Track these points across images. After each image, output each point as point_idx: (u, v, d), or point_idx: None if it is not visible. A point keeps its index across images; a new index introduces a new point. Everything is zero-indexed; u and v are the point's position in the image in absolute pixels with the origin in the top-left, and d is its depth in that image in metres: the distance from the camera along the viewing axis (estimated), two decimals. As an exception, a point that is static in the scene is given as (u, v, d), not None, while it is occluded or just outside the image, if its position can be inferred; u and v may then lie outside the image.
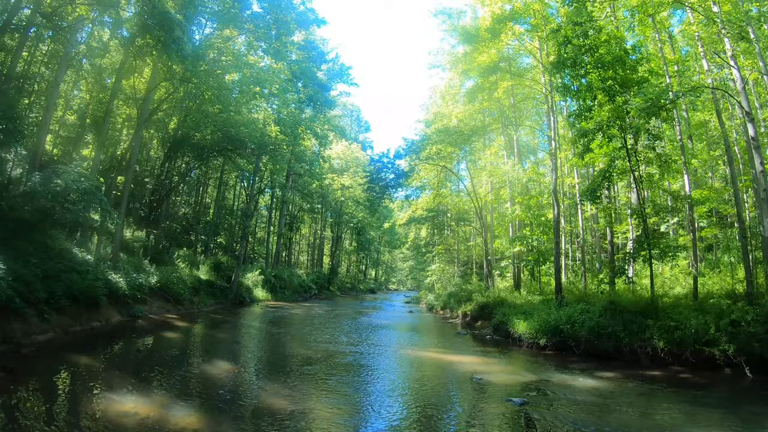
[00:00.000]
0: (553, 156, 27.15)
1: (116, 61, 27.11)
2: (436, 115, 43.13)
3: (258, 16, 33.54)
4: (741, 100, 15.56)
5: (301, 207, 61.07)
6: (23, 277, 14.38)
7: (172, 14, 21.25)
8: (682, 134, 22.09)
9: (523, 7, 28.97)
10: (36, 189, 16.37)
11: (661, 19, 22.22)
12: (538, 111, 39.24)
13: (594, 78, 19.80)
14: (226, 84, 31.27)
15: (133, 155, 25.73)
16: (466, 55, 34.21)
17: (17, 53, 19.63)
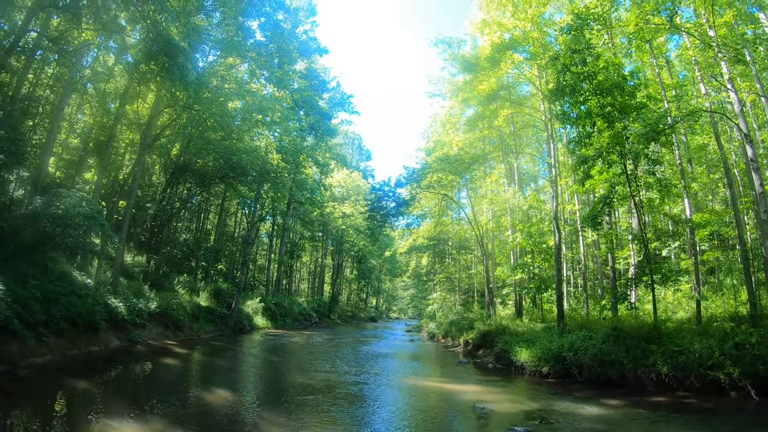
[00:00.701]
0: (553, 183, 27.21)
1: (120, 86, 27.40)
2: (437, 143, 43.39)
3: (261, 44, 34.03)
4: (739, 122, 15.67)
5: (302, 235, 61.03)
6: (22, 299, 14.31)
7: (177, 41, 21.49)
8: (682, 158, 22.19)
9: (522, 35, 29.39)
10: (38, 211, 16.39)
11: (658, 44, 22.52)
12: (538, 138, 39.53)
13: (593, 104, 19.95)
14: (228, 111, 31.50)
15: (135, 180, 25.82)
16: (467, 84, 34.55)
17: (23, 75, 19.86)
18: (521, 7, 28.88)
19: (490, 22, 30.79)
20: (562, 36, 23.72)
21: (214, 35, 30.00)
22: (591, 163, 20.17)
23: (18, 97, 19.13)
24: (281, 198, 44.77)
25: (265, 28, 34.77)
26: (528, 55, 30.41)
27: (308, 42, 42.77)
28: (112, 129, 25.16)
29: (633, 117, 19.07)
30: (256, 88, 36.45)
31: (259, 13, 33.14)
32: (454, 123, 42.58)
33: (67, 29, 20.71)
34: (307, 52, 43.19)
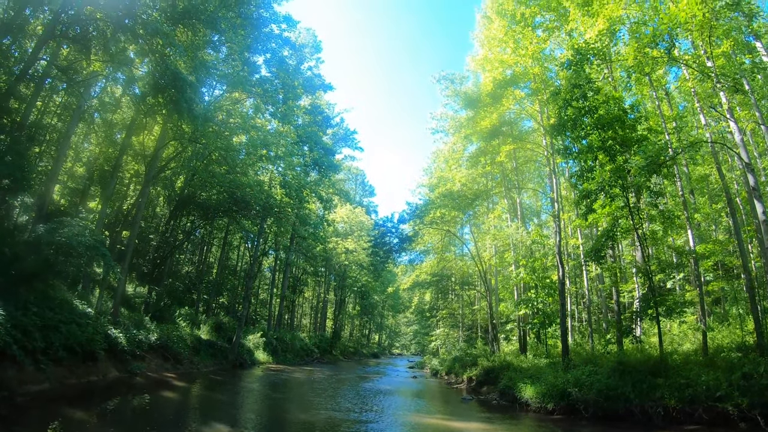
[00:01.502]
0: (556, 218, 27.21)
1: (127, 117, 27.75)
2: (439, 179, 43.58)
3: (266, 80, 34.56)
4: (740, 151, 15.74)
5: (304, 270, 60.86)
6: (22, 325, 14.22)
7: (184, 75, 21.83)
8: (684, 189, 22.23)
9: (523, 71, 29.84)
10: (41, 239, 16.43)
11: (658, 77, 22.79)
12: (540, 173, 39.72)
13: (594, 139, 20.09)
14: (233, 145, 31.79)
15: (138, 211, 25.94)
16: (469, 120, 34.90)
17: (31, 102, 20.15)
18: (522, 44, 29.34)
19: (492, 59, 31.26)
20: (562, 71, 24.09)
21: (221, 70, 30.48)
22: (593, 197, 20.20)
23: (26, 123, 19.37)
24: (284, 233, 44.83)
25: (270, 64, 35.44)
26: (529, 90, 30.83)
27: (313, 78, 43.47)
28: (118, 159, 25.39)
29: (634, 150, 19.18)
30: (260, 122, 36.89)
31: (265, 49, 33.83)
32: (456, 159, 42.80)
33: (77, 59, 21.10)
34: (312, 88, 43.85)
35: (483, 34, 35.36)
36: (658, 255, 25.31)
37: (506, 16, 31.09)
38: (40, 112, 24.26)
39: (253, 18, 30.40)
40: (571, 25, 24.82)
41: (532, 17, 30.26)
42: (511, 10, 30.62)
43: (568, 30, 27.17)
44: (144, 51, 21.28)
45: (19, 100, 19.52)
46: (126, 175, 32.21)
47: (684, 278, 24.53)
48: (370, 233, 52.56)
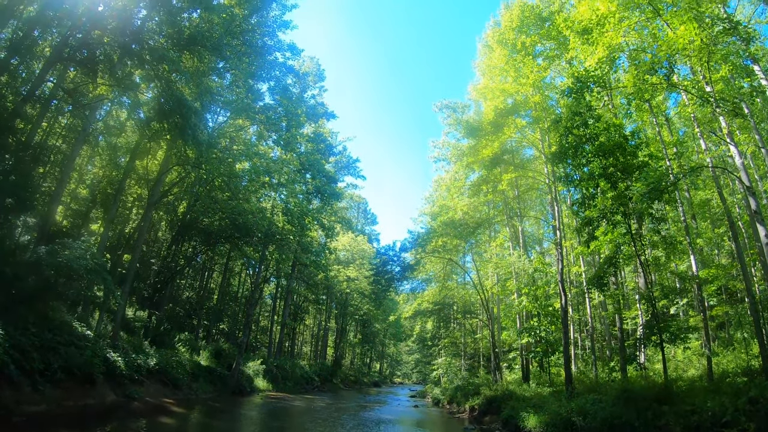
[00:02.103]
0: (558, 245, 27.14)
1: (131, 141, 27.98)
2: (441, 208, 43.60)
3: (270, 107, 34.91)
4: (741, 175, 15.75)
5: (306, 297, 60.54)
6: (21, 345, 14.13)
7: (190, 102, 22.06)
8: (686, 214, 22.22)
9: (524, 100, 30.12)
10: (42, 260, 16.39)
11: (657, 103, 22.98)
12: (542, 201, 39.78)
13: (595, 166, 20.17)
14: (236, 172, 31.98)
15: (140, 235, 25.96)
16: (471, 149, 35.07)
17: (37, 123, 20.34)
18: (523, 72, 29.67)
19: (493, 87, 31.58)
20: (563, 99, 24.32)
21: (225, 96, 30.86)
22: (595, 224, 20.22)
23: (31, 144, 19.54)
24: (286, 260, 44.71)
25: (274, 92, 35.80)
26: (530, 119, 31.07)
27: (316, 106, 43.88)
28: (121, 183, 25.52)
29: (635, 176, 19.22)
30: (263, 149, 37.19)
31: (269, 77, 34.19)
32: (458, 187, 42.88)
33: (83, 82, 21.37)
34: (315, 116, 44.21)
35: (484, 63, 35.86)
36: (661, 281, 25.16)
37: (507, 45, 31.51)
38: (46, 133, 24.47)
39: (257, 46, 30.86)
40: (571, 53, 25.05)
41: (532, 46, 30.67)
42: (511, 39, 31.04)
43: (569, 58, 27.48)
44: (150, 76, 21.53)
45: (25, 120, 19.69)
46: (129, 199, 32.34)
47: (687, 303, 24.33)
48: (372, 261, 52.45)
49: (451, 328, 53.15)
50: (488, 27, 36.40)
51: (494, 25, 35.33)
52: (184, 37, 22.45)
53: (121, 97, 23.70)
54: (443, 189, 47.46)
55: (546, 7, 31.70)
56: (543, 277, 32.93)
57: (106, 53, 19.04)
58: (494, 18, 36.70)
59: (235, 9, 28.78)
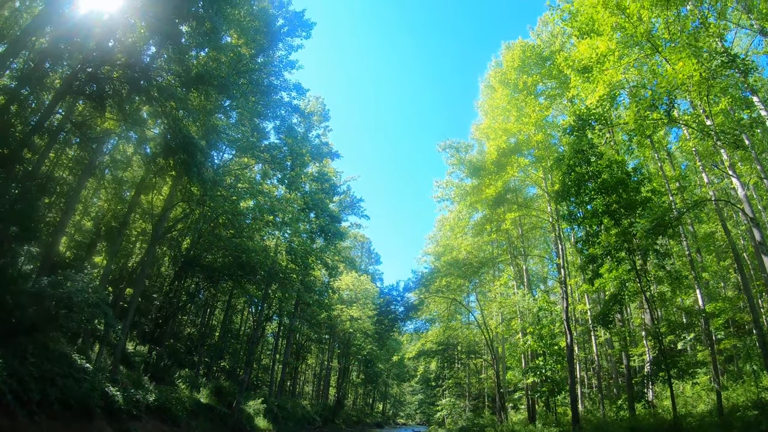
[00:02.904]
0: (563, 284, 27.03)
1: (137, 176, 28.16)
2: (445, 247, 43.66)
3: (275, 146, 35.25)
4: (744, 207, 15.76)
5: (308, 336, 59.83)
6: (18, 374, 13.92)
7: (196, 140, 22.25)
8: (690, 248, 22.13)
9: (526, 139, 30.43)
10: (44, 291, 16.31)
11: (659, 138, 23.14)
12: (546, 239, 39.71)
13: (599, 203, 20.25)
14: (240, 210, 32.07)
15: (143, 270, 25.86)
16: (474, 188, 35.27)
17: (44, 154, 20.48)
18: (525, 111, 30.07)
19: (496, 127, 31.94)
20: (565, 137, 24.56)
21: (231, 134, 31.17)
22: (599, 261, 20.19)
23: (37, 174, 19.64)
24: (289, 299, 44.41)
25: (279, 131, 36.24)
26: (533, 158, 31.30)
27: (321, 146, 44.28)
28: (126, 217, 25.56)
29: (639, 212, 19.25)
30: (268, 188, 37.35)
31: (275, 116, 34.63)
32: (462, 227, 42.93)
33: (91, 116, 21.67)
34: (320, 156, 44.56)
35: (487, 103, 36.37)
36: (667, 316, 24.91)
37: (509, 84, 32.06)
38: (53, 164, 24.65)
39: (263, 85, 31.36)
40: (572, 91, 25.42)
41: (534, 85, 31.21)
42: (513, 79, 31.59)
43: (570, 96, 27.88)
44: (157, 113, 21.80)
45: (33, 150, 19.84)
46: (133, 233, 32.35)
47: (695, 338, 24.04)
48: (376, 301, 52.15)
49: (456, 368, 52.40)
50: (490, 67, 37.03)
51: (496, 66, 35.95)
52: (191, 75, 22.83)
53: (128, 131, 23.95)
54: (447, 229, 47.49)
55: (547, 47, 32.39)
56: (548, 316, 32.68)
57: (114, 88, 19.32)
58: (496, 58, 37.39)
59: (242, 48, 29.37)
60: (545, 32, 35.28)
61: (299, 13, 31.74)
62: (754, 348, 20.51)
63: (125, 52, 19.54)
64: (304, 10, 31.51)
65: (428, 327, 48.12)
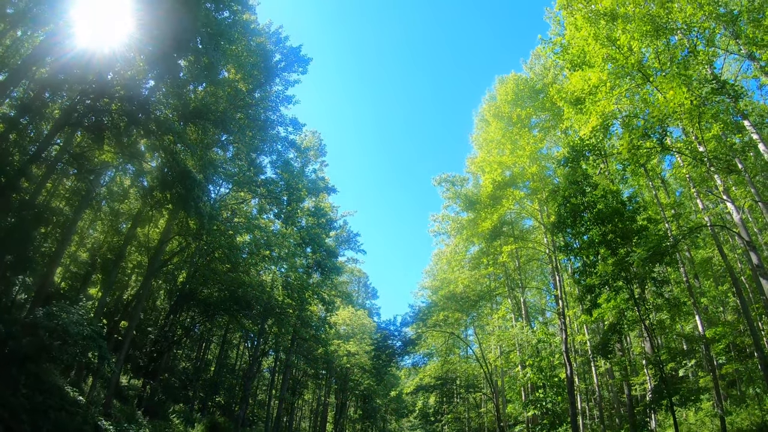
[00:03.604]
0: (561, 315, 26.91)
1: (134, 208, 28.17)
2: (442, 281, 43.47)
3: (271, 181, 35.29)
4: (740, 230, 15.81)
5: (305, 372, 58.93)
6: (10, 405, 13.73)
7: (194, 174, 22.31)
8: (688, 274, 22.11)
9: (521, 171, 30.60)
10: (38, 322, 16.15)
11: (652, 166, 23.31)
12: (543, 271, 39.62)
13: (595, 233, 20.31)
14: (236, 244, 31.99)
15: (139, 303, 25.65)
16: (470, 222, 35.30)
17: (41, 184, 20.47)
18: (519, 144, 30.34)
19: (491, 160, 32.12)
20: (560, 169, 24.77)
21: (227, 169, 31.30)
22: (597, 291, 20.16)
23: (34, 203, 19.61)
24: (285, 334, 43.97)
25: (276, 165, 36.32)
26: (528, 190, 31.46)
27: (317, 181, 44.35)
28: (122, 249, 25.44)
29: (635, 241, 19.29)
30: (264, 223, 37.36)
31: (271, 151, 34.83)
32: (459, 260, 42.84)
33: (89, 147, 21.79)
34: (316, 191, 44.60)
35: (481, 136, 36.73)
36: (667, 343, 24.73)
37: (503, 118, 32.47)
38: (49, 194, 24.63)
39: (260, 120, 31.67)
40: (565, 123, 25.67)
41: (528, 118, 31.60)
42: (507, 113, 32.01)
43: (563, 128, 28.18)
44: (155, 146, 21.93)
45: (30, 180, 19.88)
46: (129, 266, 32.15)
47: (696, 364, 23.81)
48: (373, 336, 51.61)
49: (455, 402, 51.56)
50: (484, 101, 37.54)
51: (490, 99, 36.44)
52: (189, 109, 23.09)
53: (125, 164, 24.08)
54: (443, 262, 47.41)
55: (540, 80, 32.90)
56: (547, 348, 32.40)
57: (113, 120, 19.49)
58: (489, 92, 37.90)
59: (239, 83, 29.76)
60: (538, 65, 35.90)
61: (296, 49, 32.24)
62: (756, 371, 20.33)
63: (124, 84, 19.77)
64: (300, 45, 32.05)
65: (426, 361, 47.59)
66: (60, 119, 18.19)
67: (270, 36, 31.90)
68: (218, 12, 24.98)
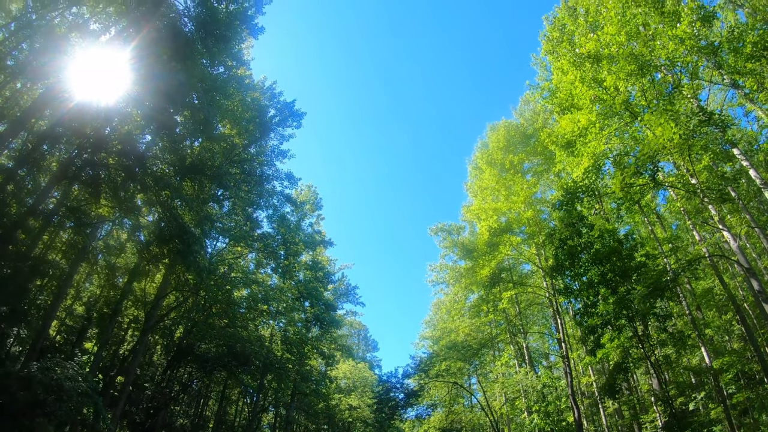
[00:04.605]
0: (565, 358, 26.62)
1: (130, 262, 28.04)
2: (443, 331, 43.06)
3: (268, 236, 35.42)
4: (739, 258, 15.83)
5: (306, 427, 57.48)
6: (2, 462, 13.28)
7: (191, 229, 22.37)
8: (690, 307, 21.94)
9: (516, 217, 30.80)
10: (33, 377, 15.86)
11: (647, 201, 23.47)
12: (545, 314, 39.35)
13: (593, 274, 20.31)
14: (234, 299, 31.85)
15: (135, 358, 25.22)
16: (468, 270, 35.32)
17: (38, 236, 20.49)
18: (514, 190, 30.65)
19: (486, 207, 32.35)
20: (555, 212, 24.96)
21: (224, 223, 31.39)
22: (600, 331, 20.03)
23: (30, 255, 19.55)
24: (285, 389, 43.23)
25: (272, 220, 36.44)
26: (525, 235, 31.61)
27: (314, 234, 44.45)
28: (118, 304, 25.24)
29: (634, 278, 19.28)
30: (262, 277, 37.27)
31: (268, 205, 34.86)
32: (459, 309, 42.65)
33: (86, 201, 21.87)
34: (313, 244, 44.60)
35: (476, 184, 37.11)
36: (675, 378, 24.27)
37: (496, 165, 32.93)
38: (46, 247, 24.58)
39: (256, 174, 31.90)
40: (558, 166, 26.06)
41: (520, 163, 32.06)
42: (500, 159, 32.49)
43: (556, 171, 28.56)
44: (152, 201, 22.04)
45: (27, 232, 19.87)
46: (125, 320, 31.78)
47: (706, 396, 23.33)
48: (375, 389, 50.65)
49: (461, 454, 50.14)
50: (476, 149, 38.06)
51: (482, 147, 36.97)
52: (186, 164, 23.32)
53: (122, 218, 24.13)
54: (443, 312, 47.09)
55: (530, 125, 33.55)
56: (553, 392, 31.82)
57: (110, 175, 19.64)
58: (481, 140, 38.47)
59: (235, 138, 30.17)
60: (527, 111, 36.64)
61: (290, 104, 32.76)
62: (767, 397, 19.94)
63: (121, 139, 20.08)
64: (294, 100, 32.55)
65: (430, 413, 46.49)
66: (58, 172, 18.35)
67: (264, 91, 32.54)
68: (213, 68, 25.58)
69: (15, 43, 19.41)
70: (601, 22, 19.90)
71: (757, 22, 15.69)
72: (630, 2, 17.99)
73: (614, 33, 18.33)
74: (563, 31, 23.86)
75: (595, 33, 19.66)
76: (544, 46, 26.48)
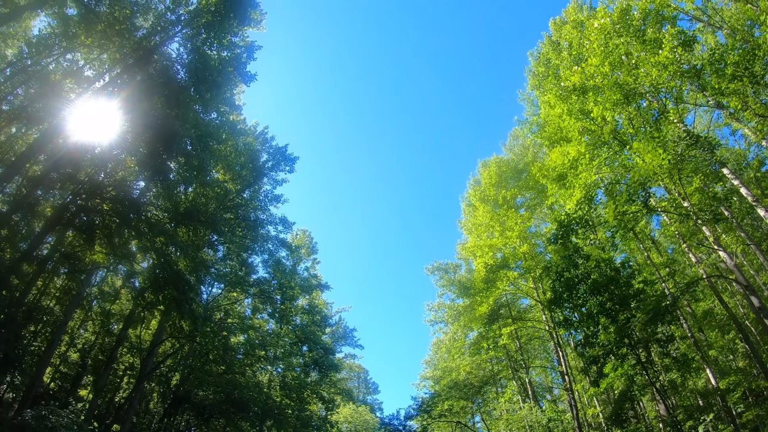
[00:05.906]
0: (569, 390, 26.35)
1: (125, 309, 27.77)
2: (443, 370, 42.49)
3: (264, 280, 35.21)
4: (737, 276, 15.86)
5: (308, 474, 55.96)
6: None
7: (186, 276, 22.27)
8: (692, 329, 21.82)
9: (512, 252, 30.83)
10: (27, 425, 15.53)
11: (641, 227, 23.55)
12: (546, 348, 39.01)
13: (592, 304, 20.24)
14: (231, 345, 31.49)
15: (131, 406, 24.73)
16: (466, 308, 35.21)
17: (32, 282, 20.30)
18: (508, 225, 30.72)
19: (481, 244, 32.43)
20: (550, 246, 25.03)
21: (219, 269, 31.25)
22: (602, 361, 19.87)
23: (24, 301, 19.34)
24: (285, 436, 42.30)
25: (267, 265, 36.36)
26: (521, 269, 31.56)
27: (310, 278, 44.29)
28: (113, 351, 24.86)
29: (633, 305, 19.23)
30: (258, 323, 36.93)
31: (262, 250, 34.82)
32: (458, 347, 42.27)
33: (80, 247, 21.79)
34: (309, 288, 44.36)
35: (470, 221, 37.23)
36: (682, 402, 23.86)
37: (489, 201, 33.16)
38: (40, 293, 24.33)
39: (250, 219, 31.90)
40: (550, 199, 26.23)
41: (513, 198, 32.29)
42: (493, 195, 32.73)
43: (549, 204, 28.74)
44: (146, 247, 21.95)
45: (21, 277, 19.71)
46: (120, 367, 31.28)
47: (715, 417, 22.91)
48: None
49: (469, 496, 48.77)
50: (469, 186, 38.36)
51: (474, 183, 37.30)
52: (180, 210, 23.32)
53: (117, 264, 24.00)
54: (443, 351, 46.60)
55: (520, 159, 33.93)
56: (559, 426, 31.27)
57: (104, 221, 19.65)
58: (474, 176, 38.84)
59: (228, 184, 30.29)
60: (516, 146, 37.13)
61: (282, 149, 32.97)
62: (777, 412, 19.65)
63: (115, 185, 20.16)
64: (286, 145, 32.71)
65: (435, 454, 45.56)
66: (52, 218, 18.36)
67: (257, 136, 32.85)
68: (206, 113, 25.83)
69: (10, 88, 19.74)
70: (585, 54, 20.37)
71: (736, 42, 16.11)
72: (612, 33, 18.47)
73: (598, 64, 18.77)
74: (548, 66, 24.43)
75: (580, 65, 20.11)
76: (531, 82, 27.08)
